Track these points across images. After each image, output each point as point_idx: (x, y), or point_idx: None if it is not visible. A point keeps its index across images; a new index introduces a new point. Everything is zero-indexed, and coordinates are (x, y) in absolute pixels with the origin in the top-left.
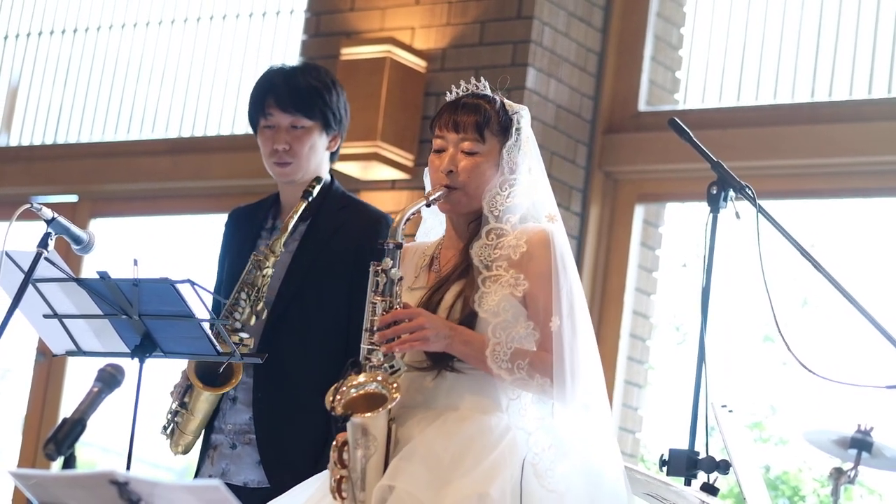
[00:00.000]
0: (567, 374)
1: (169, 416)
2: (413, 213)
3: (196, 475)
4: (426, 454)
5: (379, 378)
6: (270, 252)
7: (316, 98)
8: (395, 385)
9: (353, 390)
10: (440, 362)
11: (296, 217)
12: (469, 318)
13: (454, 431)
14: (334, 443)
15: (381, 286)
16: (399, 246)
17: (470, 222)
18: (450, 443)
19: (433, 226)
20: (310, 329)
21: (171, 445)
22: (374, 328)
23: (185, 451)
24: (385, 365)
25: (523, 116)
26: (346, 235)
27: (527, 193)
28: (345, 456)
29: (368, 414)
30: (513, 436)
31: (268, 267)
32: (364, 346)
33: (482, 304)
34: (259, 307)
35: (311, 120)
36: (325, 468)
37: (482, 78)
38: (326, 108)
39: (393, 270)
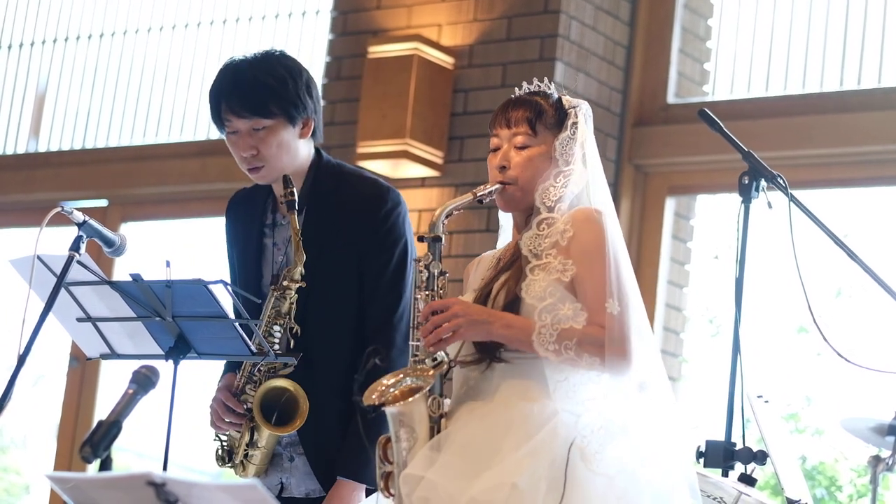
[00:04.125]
0: (614, 352)
1: (236, 454)
2: (457, 208)
3: None
4: (464, 443)
5: (411, 371)
6: (292, 282)
7: (269, 95)
8: (429, 372)
9: (392, 389)
10: (488, 353)
11: (299, 233)
12: (512, 305)
13: (494, 419)
14: (379, 440)
15: (423, 281)
16: (437, 239)
17: (528, 217)
18: (488, 430)
19: (510, 237)
20: (328, 326)
21: (240, 474)
22: (417, 323)
23: (258, 475)
24: (427, 359)
25: (581, 111)
26: (344, 218)
27: (578, 182)
28: (389, 452)
29: (399, 403)
30: (556, 423)
31: (293, 295)
32: (412, 343)
33: (528, 290)
34: (294, 330)
35: (270, 119)
36: (339, 473)
37: (546, 79)
38: (284, 102)
39: (433, 263)
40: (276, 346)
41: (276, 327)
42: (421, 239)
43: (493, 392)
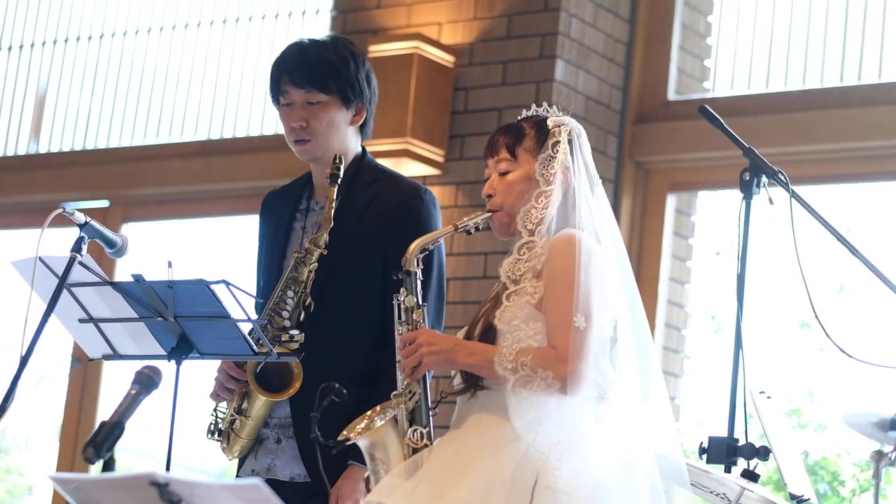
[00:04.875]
0: (568, 366)
1: (223, 420)
2: (433, 241)
3: (239, 469)
4: (432, 467)
5: (379, 408)
6: (314, 246)
7: (329, 71)
8: (392, 404)
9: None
10: (472, 382)
11: (334, 206)
12: (486, 333)
13: (463, 443)
14: (363, 476)
15: (401, 315)
16: (408, 274)
17: None
18: (456, 454)
19: None
20: (346, 313)
21: (224, 450)
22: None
23: (241, 455)
24: (405, 392)
25: (568, 129)
26: (377, 210)
27: (563, 208)
28: (371, 483)
29: (364, 434)
30: (521, 444)
31: (313, 262)
32: (399, 376)
33: (501, 317)
34: (307, 302)
35: (326, 94)
36: (352, 458)
37: (550, 105)
38: (342, 80)
39: (408, 297)
40: (286, 314)
41: (290, 293)
42: (395, 276)
43: (476, 419)
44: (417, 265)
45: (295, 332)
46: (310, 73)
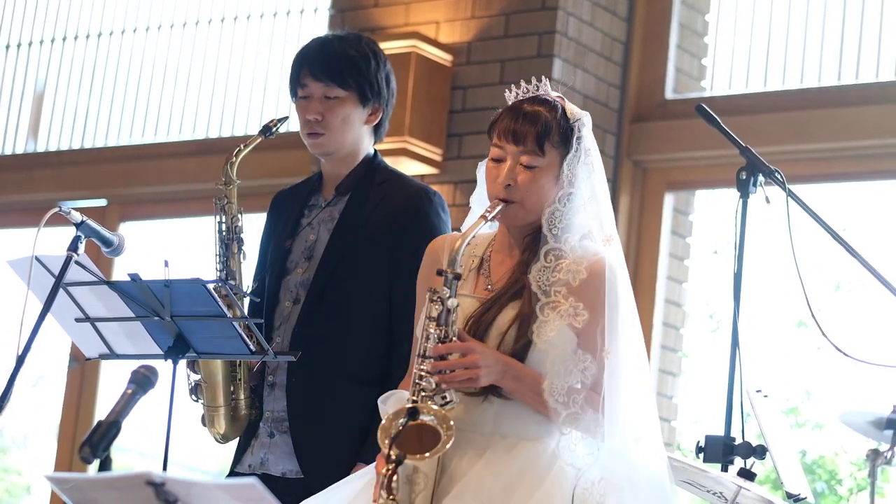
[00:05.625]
0: (611, 408)
1: (193, 397)
2: (471, 235)
3: (236, 463)
4: (476, 491)
5: (426, 408)
6: (224, 186)
7: (350, 67)
8: (450, 423)
9: (402, 420)
10: (488, 387)
11: (250, 147)
12: (524, 348)
13: (503, 464)
14: (384, 470)
15: (437, 314)
16: (458, 276)
17: (526, 235)
18: (500, 477)
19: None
20: (348, 311)
21: (210, 430)
22: (428, 355)
23: (226, 433)
24: (436, 396)
25: (584, 124)
26: (385, 211)
27: (586, 211)
28: (394, 485)
29: (425, 455)
30: (560, 464)
31: (227, 202)
32: (416, 371)
33: (540, 333)
34: (244, 255)
35: (344, 90)
36: (360, 460)
37: (544, 78)
38: (362, 78)
39: (450, 301)
40: (221, 266)
41: (222, 237)
42: (440, 273)
43: (493, 427)
44: (460, 265)
45: (232, 281)
46: (330, 66)
